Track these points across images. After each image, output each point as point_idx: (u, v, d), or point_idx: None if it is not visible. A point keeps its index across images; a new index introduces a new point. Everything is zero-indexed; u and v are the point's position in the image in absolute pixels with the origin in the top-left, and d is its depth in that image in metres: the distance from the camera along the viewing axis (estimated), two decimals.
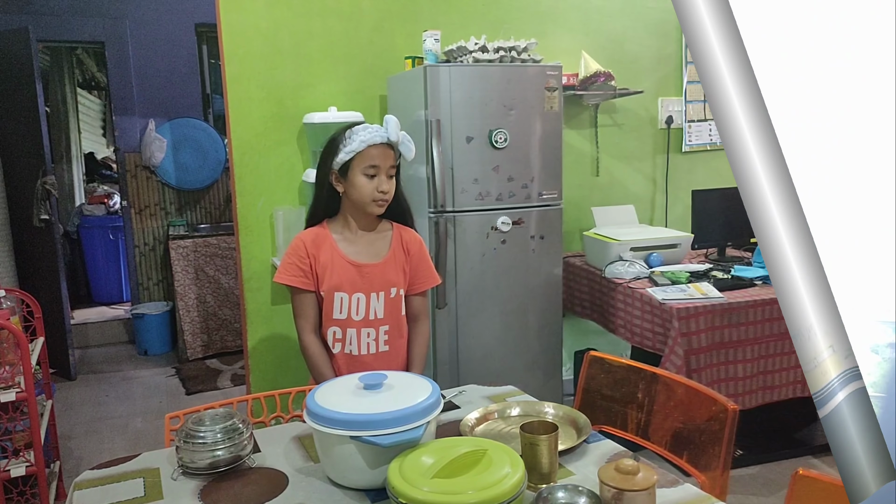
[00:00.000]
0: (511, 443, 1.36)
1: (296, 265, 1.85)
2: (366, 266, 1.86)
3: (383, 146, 1.80)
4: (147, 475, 1.37)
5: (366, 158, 1.78)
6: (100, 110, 7.19)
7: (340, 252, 1.86)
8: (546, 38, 3.42)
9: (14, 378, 2.29)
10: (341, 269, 1.84)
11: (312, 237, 1.87)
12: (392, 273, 1.89)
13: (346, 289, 1.85)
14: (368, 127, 1.81)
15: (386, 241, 1.92)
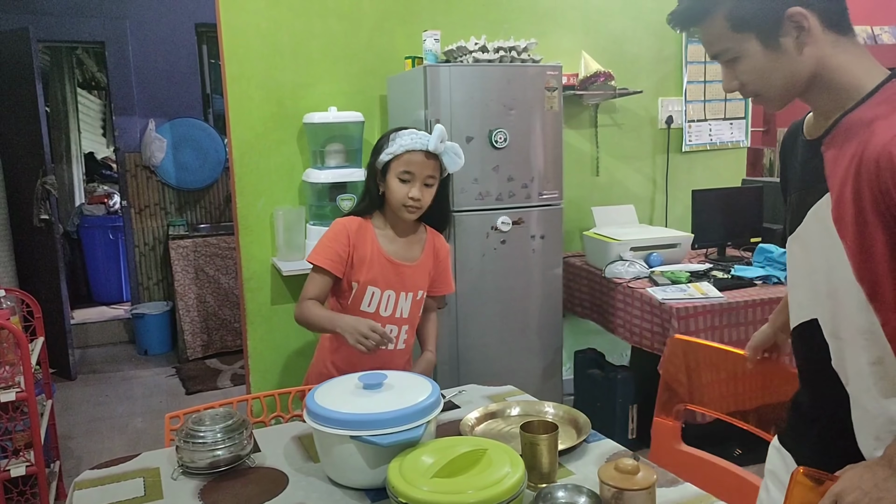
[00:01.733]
0: (511, 443, 1.36)
1: (335, 250, 1.84)
2: (402, 266, 1.88)
3: (423, 154, 1.79)
4: (147, 475, 1.37)
5: (402, 163, 1.79)
6: (100, 110, 7.19)
7: (380, 248, 1.86)
8: (546, 38, 3.42)
9: (14, 378, 2.29)
10: (379, 265, 1.85)
11: (357, 226, 1.87)
12: (422, 277, 1.93)
13: (381, 284, 1.86)
14: (414, 133, 1.81)
15: (421, 244, 1.94)
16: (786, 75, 1.07)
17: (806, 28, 1.03)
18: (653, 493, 1.11)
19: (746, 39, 1.06)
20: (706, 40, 1.12)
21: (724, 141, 3.97)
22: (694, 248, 3.28)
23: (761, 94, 1.12)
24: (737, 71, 1.10)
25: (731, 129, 3.97)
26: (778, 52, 1.05)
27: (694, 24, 1.12)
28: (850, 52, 1.06)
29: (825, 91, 1.08)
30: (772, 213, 3.51)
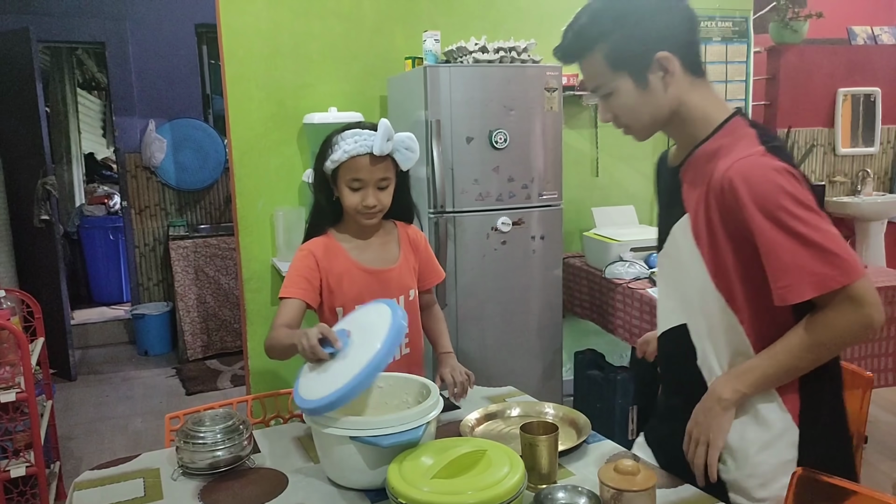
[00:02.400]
0: (511, 443, 1.36)
1: (305, 279, 1.66)
2: (383, 272, 1.73)
3: (369, 157, 1.61)
4: (147, 475, 1.37)
5: (349, 170, 1.62)
6: (100, 110, 7.19)
7: (355, 261, 1.71)
8: (546, 39, 3.40)
9: (14, 378, 2.29)
10: (360, 280, 1.70)
11: (323, 248, 1.70)
12: (407, 276, 1.78)
13: (367, 299, 1.67)
14: (358, 133, 1.62)
15: (395, 242, 1.79)
16: (652, 111, 1.24)
17: (671, 70, 1.21)
18: (653, 494, 1.11)
19: (621, 77, 1.22)
20: (586, 75, 1.27)
21: None
22: None
23: (630, 126, 1.28)
24: (611, 105, 1.26)
25: None
26: (647, 90, 1.22)
27: (575, 60, 1.26)
28: (703, 93, 1.26)
29: (682, 125, 1.26)
30: None
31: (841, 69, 4.72)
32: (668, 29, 1.22)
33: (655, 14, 1.21)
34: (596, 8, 1.23)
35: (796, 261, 1.09)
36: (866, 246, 4.70)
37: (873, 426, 3.28)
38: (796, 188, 1.11)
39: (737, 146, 1.17)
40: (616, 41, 1.20)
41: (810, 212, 1.10)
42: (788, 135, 4.61)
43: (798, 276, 1.10)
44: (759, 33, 4.23)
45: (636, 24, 1.20)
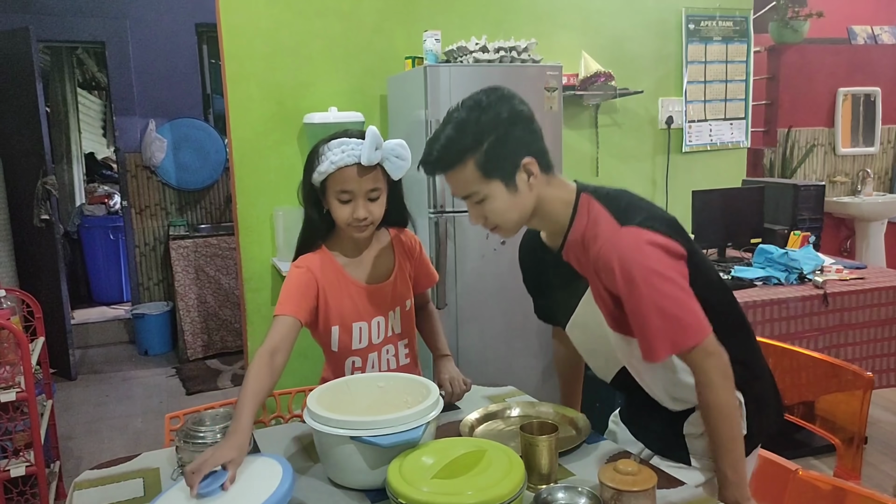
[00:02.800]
0: (511, 443, 1.36)
1: (302, 295, 1.57)
2: (380, 287, 1.67)
3: (358, 168, 1.52)
4: (147, 475, 1.37)
5: (337, 182, 1.53)
6: (100, 110, 7.18)
7: (350, 277, 1.64)
8: (546, 38, 3.42)
9: (14, 378, 2.29)
10: (357, 297, 1.64)
11: (319, 264, 1.62)
12: (403, 287, 1.72)
13: (366, 317, 1.65)
14: (345, 142, 1.53)
15: (389, 252, 1.72)
16: (521, 210, 1.36)
17: (534, 172, 1.33)
18: (652, 494, 1.11)
19: (493, 183, 1.32)
20: (456, 184, 1.37)
21: (725, 141, 3.97)
22: None
23: (500, 226, 1.39)
24: (484, 210, 1.36)
25: (732, 129, 3.97)
26: (516, 193, 1.33)
27: (446, 171, 1.35)
28: (555, 185, 1.38)
29: (545, 216, 1.39)
30: (772, 214, 3.52)
31: (841, 69, 4.72)
32: (527, 136, 1.35)
33: (515, 124, 1.34)
34: (460, 120, 1.33)
35: (654, 327, 1.24)
36: (866, 246, 4.70)
37: (873, 426, 3.28)
38: (651, 259, 1.24)
39: (598, 228, 1.31)
40: (487, 151, 1.30)
41: (665, 281, 1.24)
42: (788, 134, 4.61)
43: (656, 340, 1.24)
44: (759, 33, 4.23)
45: (503, 135, 1.31)
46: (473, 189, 1.34)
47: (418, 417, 1.25)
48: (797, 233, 3.22)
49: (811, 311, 2.71)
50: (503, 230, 1.41)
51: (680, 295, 1.24)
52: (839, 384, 1.63)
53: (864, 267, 3.12)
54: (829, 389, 1.66)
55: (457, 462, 1.15)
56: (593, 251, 1.30)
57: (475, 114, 1.33)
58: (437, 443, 1.25)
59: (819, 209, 3.54)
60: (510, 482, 1.10)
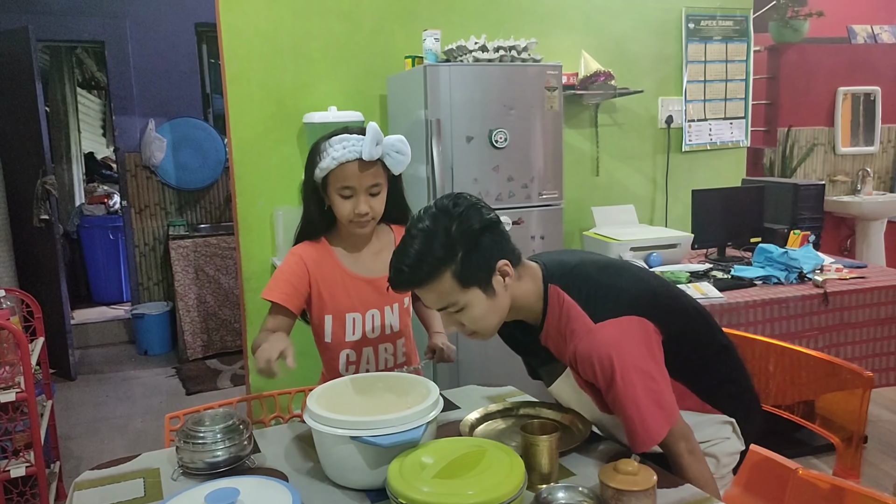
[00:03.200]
0: (511, 443, 1.36)
1: (292, 284, 1.63)
2: (377, 280, 1.67)
3: (359, 163, 1.55)
4: (147, 475, 1.37)
5: (339, 178, 1.56)
6: (100, 110, 7.18)
7: (347, 270, 1.67)
8: (546, 38, 3.42)
9: (14, 378, 2.29)
10: (352, 288, 1.66)
11: (314, 255, 1.66)
12: None
13: (360, 308, 1.67)
14: (346, 139, 1.56)
15: (389, 248, 1.68)
16: (499, 313, 1.35)
17: (510, 273, 1.33)
18: (653, 494, 1.11)
19: (472, 291, 1.30)
20: (432, 297, 1.31)
21: (725, 141, 3.96)
22: (694, 248, 3.28)
23: (479, 331, 1.36)
24: (463, 317, 1.33)
25: (732, 128, 3.97)
26: (494, 296, 1.32)
27: (422, 286, 1.30)
28: (524, 278, 1.37)
29: (519, 311, 1.39)
30: (772, 213, 3.51)
31: (841, 68, 4.72)
32: (498, 240, 1.32)
33: (486, 231, 1.30)
34: (428, 232, 1.28)
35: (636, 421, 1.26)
36: (866, 245, 4.70)
37: (874, 426, 3.28)
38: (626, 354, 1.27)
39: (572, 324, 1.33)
40: (463, 261, 1.27)
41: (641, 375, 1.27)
42: (788, 134, 4.61)
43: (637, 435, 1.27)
44: (759, 32, 4.23)
45: (476, 243, 1.28)
46: (452, 300, 1.30)
47: (418, 417, 1.24)
48: (797, 232, 3.22)
49: (811, 311, 2.71)
50: (482, 335, 1.38)
51: (654, 386, 1.28)
52: (839, 383, 1.63)
53: (865, 266, 3.12)
54: (829, 389, 1.67)
55: (457, 462, 1.15)
56: (570, 347, 1.32)
57: (444, 223, 1.28)
58: (437, 443, 1.25)
59: (819, 208, 3.54)
60: (510, 482, 1.10)
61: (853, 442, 1.58)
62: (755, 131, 4.23)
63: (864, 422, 1.57)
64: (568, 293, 1.36)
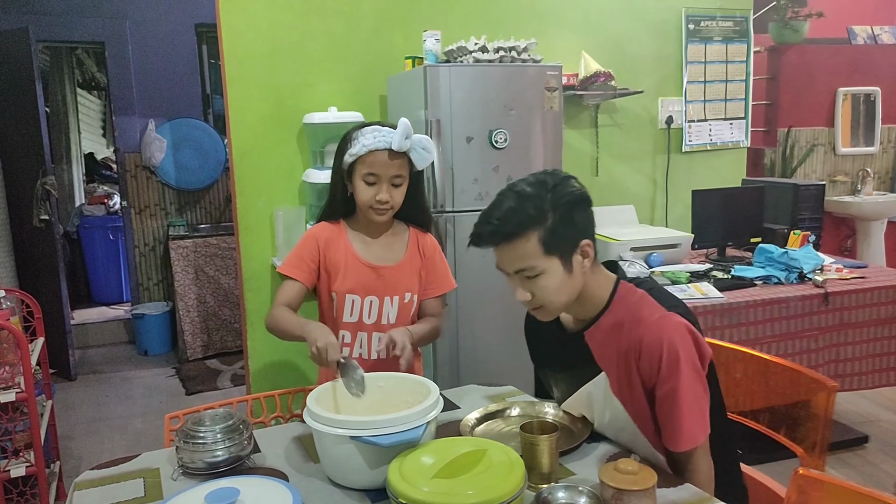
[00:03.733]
0: (511, 443, 1.36)
1: (303, 258, 1.76)
2: (381, 268, 1.76)
3: (387, 153, 1.66)
4: (147, 475, 1.37)
5: (366, 164, 1.67)
6: (100, 110, 7.19)
7: (355, 253, 1.76)
8: (546, 38, 3.42)
9: (14, 378, 2.29)
10: (355, 271, 1.75)
11: (327, 234, 1.78)
12: (407, 277, 1.79)
13: (359, 291, 1.75)
14: (378, 129, 1.68)
15: (402, 243, 1.82)
16: (570, 292, 1.35)
17: (589, 256, 1.35)
18: (653, 494, 1.11)
19: (551, 260, 1.31)
20: (512, 256, 1.33)
21: (725, 141, 3.96)
22: (694, 248, 3.28)
23: (546, 306, 1.37)
24: (535, 286, 1.33)
25: (732, 129, 3.97)
26: (571, 273, 1.33)
27: (506, 242, 1.32)
28: (597, 273, 1.40)
29: (584, 302, 1.40)
30: (772, 214, 3.51)
31: (841, 69, 4.72)
32: (587, 220, 1.35)
33: (579, 205, 1.33)
34: (524, 193, 1.31)
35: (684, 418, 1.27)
36: (866, 245, 4.70)
37: (874, 426, 3.28)
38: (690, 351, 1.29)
39: (642, 312, 1.33)
40: (552, 227, 1.29)
41: (699, 376, 1.29)
42: (788, 134, 4.61)
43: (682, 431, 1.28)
44: (759, 33, 4.23)
45: (569, 214, 1.31)
46: (531, 263, 1.31)
47: (418, 417, 1.25)
48: (797, 232, 3.22)
49: (811, 311, 2.71)
50: (547, 311, 1.38)
51: (703, 394, 1.30)
52: (805, 391, 1.62)
53: (865, 266, 3.12)
54: (795, 396, 1.66)
55: (457, 462, 1.15)
56: (635, 333, 1.31)
57: (540, 189, 1.32)
58: (437, 443, 1.25)
59: (819, 209, 3.54)
60: (510, 482, 1.10)
61: (816, 450, 1.57)
62: (755, 132, 4.23)
63: (828, 430, 1.56)
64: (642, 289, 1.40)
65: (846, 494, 1.19)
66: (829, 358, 2.77)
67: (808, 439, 1.60)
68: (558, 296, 1.34)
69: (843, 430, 3.19)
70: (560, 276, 1.32)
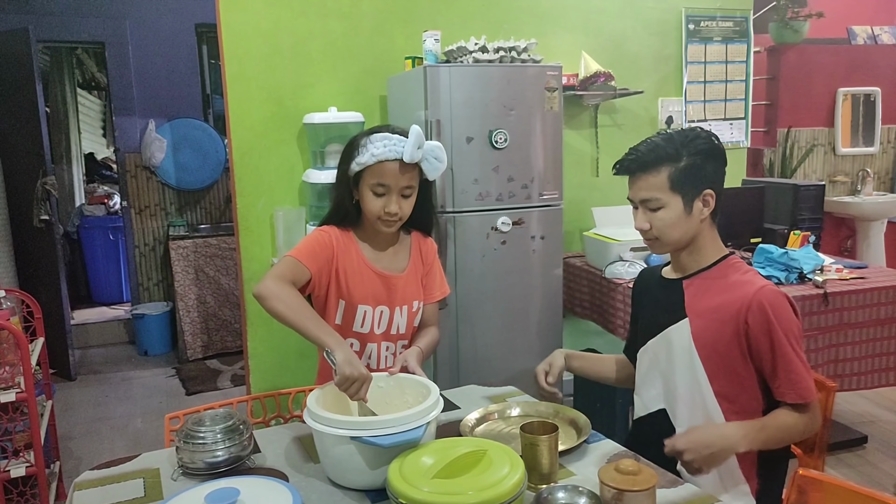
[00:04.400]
0: (511, 443, 1.36)
1: (319, 253, 1.63)
2: (391, 278, 1.71)
3: (397, 163, 1.57)
4: (147, 475, 1.37)
5: (375, 174, 1.59)
6: (100, 110, 7.18)
7: (366, 261, 1.69)
8: (546, 38, 3.42)
9: (14, 378, 2.29)
10: (368, 281, 1.68)
11: (341, 238, 1.68)
12: (413, 286, 1.75)
13: (371, 301, 1.68)
14: (388, 137, 1.59)
15: (406, 250, 1.77)
16: (683, 233, 1.49)
17: (710, 205, 1.48)
18: (653, 494, 1.11)
19: (675, 197, 1.46)
20: (643, 185, 1.49)
21: (725, 141, 3.96)
22: None
23: (660, 238, 1.50)
24: (655, 217, 1.48)
25: (732, 129, 3.97)
26: (689, 215, 1.47)
27: (644, 171, 1.48)
28: (713, 231, 1.53)
29: (693, 252, 1.52)
30: (772, 214, 3.51)
31: (841, 69, 4.72)
32: (718, 173, 1.49)
33: (714, 158, 1.48)
34: (669, 135, 1.48)
35: (801, 375, 1.40)
36: (866, 245, 4.70)
37: (874, 426, 3.28)
38: (795, 318, 1.43)
39: (750, 276, 1.47)
40: (683, 168, 1.45)
41: (802, 338, 1.44)
42: (788, 134, 4.61)
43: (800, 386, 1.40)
44: (759, 33, 4.23)
45: (702, 161, 1.46)
46: (656, 195, 1.46)
47: (418, 417, 1.25)
48: (797, 232, 3.22)
49: (811, 311, 2.71)
50: (660, 243, 1.52)
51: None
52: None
53: (866, 266, 3.11)
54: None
55: (457, 462, 1.15)
56: (744, 290, 1.42)
57: (684, 136, 1.47)
58: (437, 443, 1.25)
59: (819, 209, 3.54)
60: (510, 482, 1.10)
61: (815, 450, 1.58)
62: (755, 132, 4.23)
63: (827, 430, 1.57)
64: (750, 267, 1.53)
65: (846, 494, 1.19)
66: (829, 358, 2.77)
67: (807, 439, 1.60)
68: (672, 231, 1.47)
69: (843, 430, 3.19)
70: (678, 214, 1.46)
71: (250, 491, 1.17)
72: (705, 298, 1.47)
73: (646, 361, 1.59)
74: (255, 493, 1.17)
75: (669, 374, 1.52)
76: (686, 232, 1.48)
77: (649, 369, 1.58)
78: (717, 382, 1.45)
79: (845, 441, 3.10)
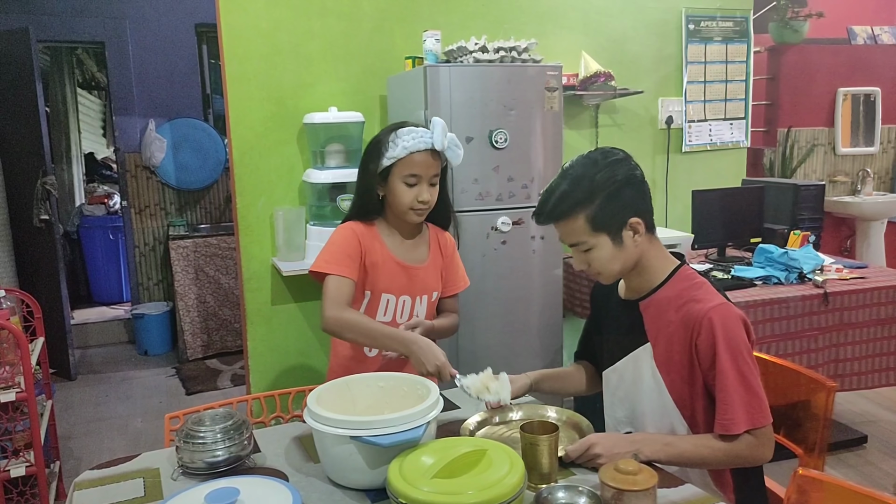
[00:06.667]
0: (512, 446, 1.35)
1: (349, 256, 1.72)
2: (413, 268, 1.80)
3: (427, 153, 1.70)
4: (147, 475, 1.37)
5: (407, 166, 1.69)
6: (100, 110, 7.18)
7: (390, 253, 1.78)
8: (546, 38, 3.42)
9: (14, 378, 2.29)
10: (392, 271, 1.77)
11: (364, 230, 1.77)
12: (433, 276, 1.84)
13: (395, 291, 1.78)
14: (414, 131, 1.70)
15: (425, 242, 1.86)
16: (622, 263, 1.46)
17: (640, 231, 1.44)
18: (653, 494, 1.11)
19: (600, 237, 1.42)
20: (565, 232, 1.45)
21: (725, 141, 3.97)
22: (694, 248, 3.28)
23: (602, 273, 1.47)
24: (589, 257, 1.45)
25: (732, 129, 3.97)
26: (621, 247, 1.44)
27: (557, 222, 1.45)
28: (656, 247, 1.50)
29: (642, 272, 1.49)
30: (772, 214, 3.51)
31: (841, 69, 4.72)
32: (637, 197, 1.45)
33: (628, 185, 1.43)
34: (576, 176, 1.43)
35: (730, 404, 1.34)
36: (866, 245, 4.70)
37: (874, 426, 3.28)
38: (745, 338, 1.39)
39: (700, 292, 1.44)
40: (598, 208, 1.40)
41: (753, 362, 1.39)
42: (788, 134, 4.61)
43: (724, 416, 1.35)
44: (759, 33, 4.23)
45: (615, 193, 1.41)
46: (581, 239, 1.43)
47: (418, 417, 1.25)
48: (797, 232, 3.22)
49: (811, 311, 2.71)
50: (605, 277, 1.48)
51: (758, 378, 1.38)
52: (806, 391, 1.63)
53: (866, 266, 3.11)
54: (794, 396, 1.66)
55: (457, 462, 1.15)
56: (694, 310, 1.40)
57: (591, 171, 1.43)
58: (437, 443, 1.25)
59: (819, 209, 3.54)
60: (510, 482, 1.10)
61: (816, 450, 1.57)
62: (755, 132, 4.23)
63: (827, 431, 1.57)
64: (702, 277, 1.50)
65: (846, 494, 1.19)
66: (829, 358, 2.77)
67: (807, 439, 1.60)
68: (610, 266, 1.45)
69: (843, 430, 3.19)
70: (609, 250, 1.43)
71: (250, 491, 1.17)
72: (663, 322, 1.45)
73: (613, 381, 1.58)
74: (254, 493, 1.17)
75: (637, 398, 1.51)
76: (626, 261, 1.45)
77: (616, 390, 1.58)
78: (685, 408, 1.44)
79: (845, 441, 3.10)
